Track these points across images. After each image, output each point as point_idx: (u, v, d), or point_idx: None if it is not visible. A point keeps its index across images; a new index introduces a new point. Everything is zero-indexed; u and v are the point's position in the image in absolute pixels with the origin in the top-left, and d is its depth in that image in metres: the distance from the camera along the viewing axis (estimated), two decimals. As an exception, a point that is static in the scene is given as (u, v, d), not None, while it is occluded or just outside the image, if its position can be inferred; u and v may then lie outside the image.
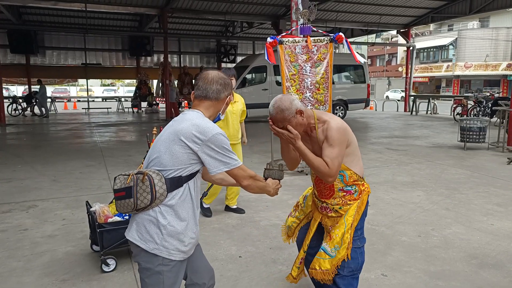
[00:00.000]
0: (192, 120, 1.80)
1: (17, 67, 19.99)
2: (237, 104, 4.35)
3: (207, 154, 1.76)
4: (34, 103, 18.51)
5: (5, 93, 20.16)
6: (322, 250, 2.30)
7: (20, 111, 18.12)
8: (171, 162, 1.76)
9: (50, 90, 33.19)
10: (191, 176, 1.82)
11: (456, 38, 36.16)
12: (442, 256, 3.44)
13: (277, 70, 13.12)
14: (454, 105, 16.04)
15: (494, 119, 12.27)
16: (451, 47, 37.11)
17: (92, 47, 20.95)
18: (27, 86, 20.53)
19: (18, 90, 32.27)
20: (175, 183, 1.77)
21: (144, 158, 1.97)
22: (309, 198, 2.57)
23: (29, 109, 18.09)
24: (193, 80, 18.53)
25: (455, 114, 15.48)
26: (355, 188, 2.30)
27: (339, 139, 2.13)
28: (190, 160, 1.78)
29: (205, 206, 4.47)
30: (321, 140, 2.20)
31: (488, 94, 17.81)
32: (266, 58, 5.79)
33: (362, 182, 2.33)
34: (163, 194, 1.75)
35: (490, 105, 14.42)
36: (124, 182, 1.77)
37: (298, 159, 2.42)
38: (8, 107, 17.48)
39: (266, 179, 2.11)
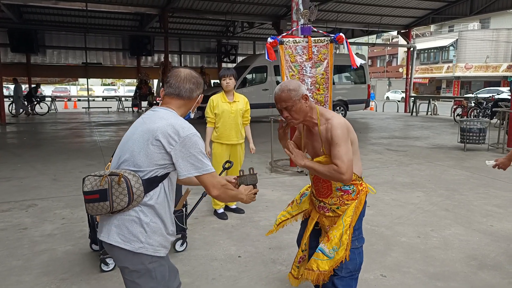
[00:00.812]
0: (168, 119, 1.75)
1: (17, 66, 20.01)
2: (237, 104, 4.28)
3: (179, 156, 1.71)
4: (35, 102, 18.52)
5: (5, 92, 20.14)
6: (319, 251, 2.27)
7: (21, 110, 18.13)
8: (147, 163, 1.72)
9: (50, 89, 33.27)
10: (166, 175, 1.78)
11: (457, 39, 36.15)
12: (441, 257, 3.44)
13: (277, 70, 13.11)
14: (454, 106, 16.05)
15: (494, 120, 12.27)
16: (451, 48, 37.09)
17: (93, 47, 20.97)
18: (27, 85, 20.51)
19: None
20: (151, 183, 1.73)
21: (112, 157, 1.91)
22: (308, 196, 2.57)
23: (29, 108, 18.10)
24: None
25: (455, 115, 15.48)
26: (353, 188, 2.28)
27: (343, 136, 2.12)
28: (165, 161, 1.73)
29: (218, 211, 4.46)
30: (324, 138, 2.20)
31: (488, 95, 17.80)
32: (266, 57, 5.81)
33: (360, 182, 2.31)
34: (140, 196, 1.71)
35: (490, 107, 14.44)
36: (97, 184, 1.70)
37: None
38: (8, 106, 17.49)
39: (239, 186, 2.06)
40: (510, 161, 3.49)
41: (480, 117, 14.23)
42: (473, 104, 15.09)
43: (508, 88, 27.73)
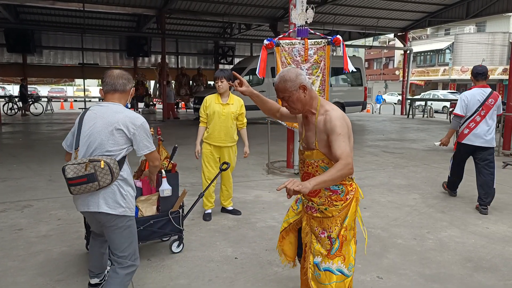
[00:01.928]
0: (122, 112, 2.31)
1: (13, 66, 19.89)
2: (229, 107, 4.21)
3: (138, 139, 2.32)
4: (30, 102, 18.43)
5: (1, 92, 20.02)
6: (339, 273, 2.16)
7: (16, 110, 18.04)
8: (116, 147, 2.27)
9: (46, 90, 33.14)
10: (127, 154, 2.38)
11: (453, 42, 36.34)
12: (437, 259, 3.45)
13: (274, 72, 13.13)
14: (451, 109, 16.13)
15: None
16: (447, 51, 37.28)
17: (90, 47, 20.88)
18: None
19: (14, 89, 32.12)
20: (122, 162, 2.31)
21: (76, 148, 2.36)
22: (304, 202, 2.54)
23: (25, 108, 18.02)
24: (190, 81, 18.52)
25: (451, 118, 15.53)
26: (341, 188, 2.20)
27: (343, 127, 2.07)
28: (127, 144, 2.32)
29: (206, 212, 4.46)
30: (319, 129, 2.15)
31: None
32: (257, 72, 5.87)
33: (350, 182, 2.23)
34: (117, 173, 2.27)
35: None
36: (81, 170, 2.21)
37: (273, 109, 2.55)
38: (4, 106, 17.40)
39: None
40: (449, 138, 5.06)
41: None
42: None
43: (447, 91, 28.16)
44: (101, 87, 2.34)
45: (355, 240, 2.28)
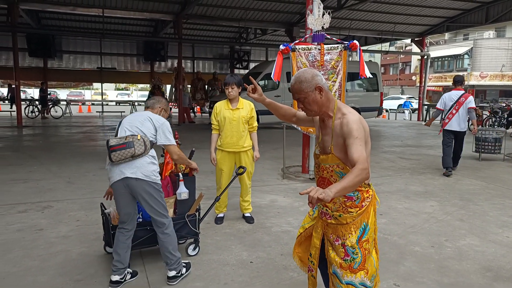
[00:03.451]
0: (152, 114, 3.08)
1: (34, 70, 20.40)
2: (239, 111, 4.20)
3: (161, 131, 2.97)
4: (50, 106, 18.84)
5: (22, 96, 20.44)
6: (361, 286, 2.13)
7: (37, 113, 18.47)
8: (147, 131, 2.93)
9: (65, 93, 33.86)
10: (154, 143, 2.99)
11: (472, 47, 35.76)
12: (456, 267, 3.39)
13: (289, 77, 13.14)
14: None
15: (510, 130, 12.08)
16: (466, 56, 36.70)
17: (108, 52, 21.27)
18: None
19: (35, 92, 32.89)
20: (152, 144, 2.93)
21: (116, 134, 2.98)
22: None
23: (45, 111, 18.43)
24: (206, 86, 18.68)
25: (469, 124, 15.25)
26: (357, 195, 2.14)
27: (358, 129, 2.03)
28: (154, 132, 2.97)
29: (218, 216, 4.48)
30: (335, 133, 2.11)
31: (504, 104, 17.53)
32: (272, 76, 5.91)
33: (366, 189, 2.16)
34: (148, 147, 2.88)
35: (506, 116, 14.22)
36: (122, 140, 2.80)
37: (289, 113, 2.51)
38: (25, 109, 17.82)
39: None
40: (431, 122, 7.81)
41: (495, 126, 14.01)
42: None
43: (407, 96, 27.80)
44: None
45: (376, 249, 2.26)
